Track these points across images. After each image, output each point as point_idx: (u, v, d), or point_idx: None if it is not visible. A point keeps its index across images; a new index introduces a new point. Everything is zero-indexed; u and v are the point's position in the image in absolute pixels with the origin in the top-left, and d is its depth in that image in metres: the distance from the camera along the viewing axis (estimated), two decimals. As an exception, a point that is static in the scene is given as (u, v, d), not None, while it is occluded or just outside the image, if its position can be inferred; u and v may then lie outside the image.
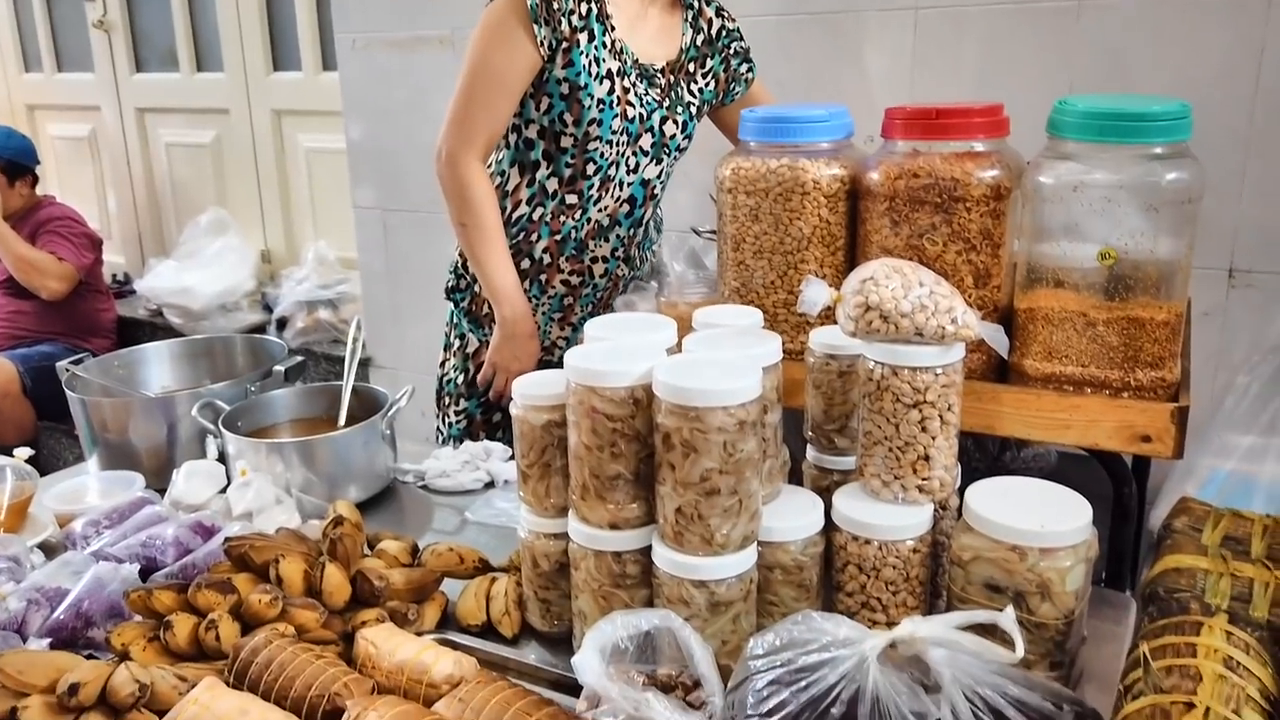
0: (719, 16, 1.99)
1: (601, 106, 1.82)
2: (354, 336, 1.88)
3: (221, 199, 4.73)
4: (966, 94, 2.36)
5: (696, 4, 1.97)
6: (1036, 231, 1.35)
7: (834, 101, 1.58)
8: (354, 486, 1.70)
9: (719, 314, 1.37)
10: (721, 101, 2.03)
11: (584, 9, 1.78)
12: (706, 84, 1.98)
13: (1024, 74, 2.31)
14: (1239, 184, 2.14)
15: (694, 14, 1.96)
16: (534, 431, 1.25)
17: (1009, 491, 1.13)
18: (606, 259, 1.98)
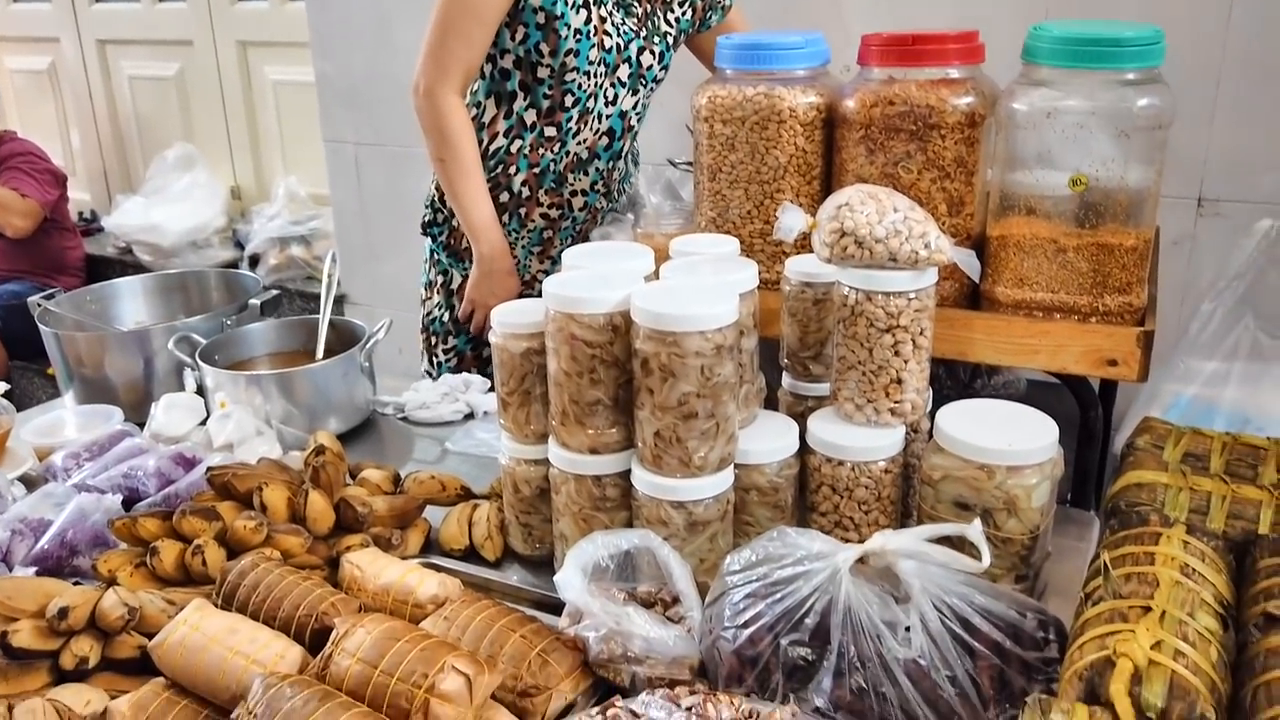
0: (696, -57, 1.96)
1: (578, 36, 1.80)
2: (329, 269, 1.87)
3: (188, 134, 4.64)
4: (943, 22, 2.35)
5: (673, -70, 1.93)
6: (1010, 159, 1.37)
7: (811, 30, 1.57)
8: (334, 418, 1.71)
9: (696, 242, 1.38)
10: (698, 29, 2.01)
11: None
12: (684, 13, 1.96)
13: (1001, 1, 2.29)
14: (1209, 113, 2.16)
15: (670, -60, 1.93)
16: (513, 359, 1.27)
17: (978, 413, 1.16)
18: (585, 192, 1.98)
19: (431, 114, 1.82)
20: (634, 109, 1.96)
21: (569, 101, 1.86)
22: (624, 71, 1.89)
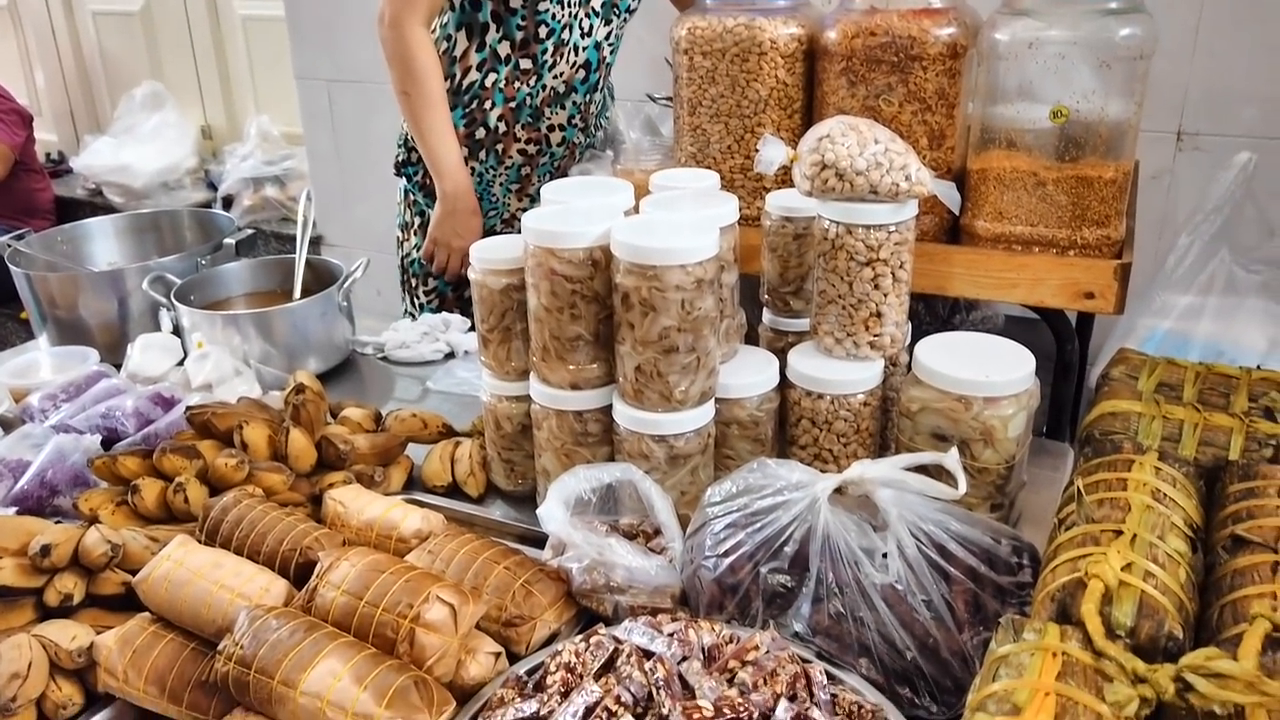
0: None
1: (550, -38, 1.76)
2: (304, 207, 1.85)
3: (156, 72, 4.53)
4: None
5: None
6: (991, 92, 1.36)
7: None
8: (313, 358, 1.71)
9: (676, 177, 1.37)
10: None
11: None
12: (659, -59, 1.92)
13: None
14: (1190, 45, 2.15)
15: None
16: (493, 296, 1.26)
17: (956, 346, 1.17)
18: (563, 126, 1.95)
19: (396, 45, 1.78)
20: (607, 39, 1.92)
21: (543, 33, 1.82)
22: (597, 1, 1.85)
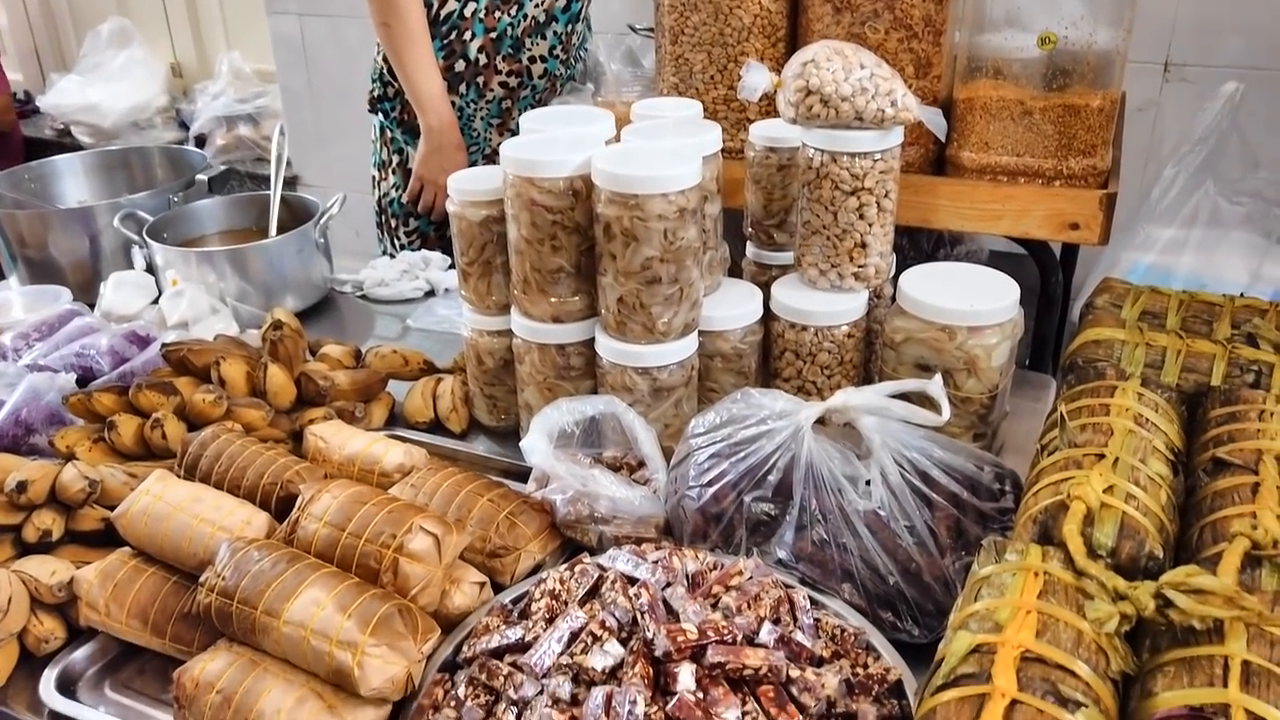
0: None
1: (530, -112, 1.70)
2: (277, 142, 1.81)
3: (123, 7, 4.39)
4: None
5: None
6: (978, 20, 1.34)
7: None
8: (290, 296, 1.68)
9: (658, 106, 1.34)
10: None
11: None
12: None
13: None
14: (1180, -26, 2.12)
15: None
16: (472, 228, 1.24)
17: (941, 276, 1.16)
18: (544, 58, 1.91)
19: None
20: None
21: (524, -41, 1.77)
22: None
